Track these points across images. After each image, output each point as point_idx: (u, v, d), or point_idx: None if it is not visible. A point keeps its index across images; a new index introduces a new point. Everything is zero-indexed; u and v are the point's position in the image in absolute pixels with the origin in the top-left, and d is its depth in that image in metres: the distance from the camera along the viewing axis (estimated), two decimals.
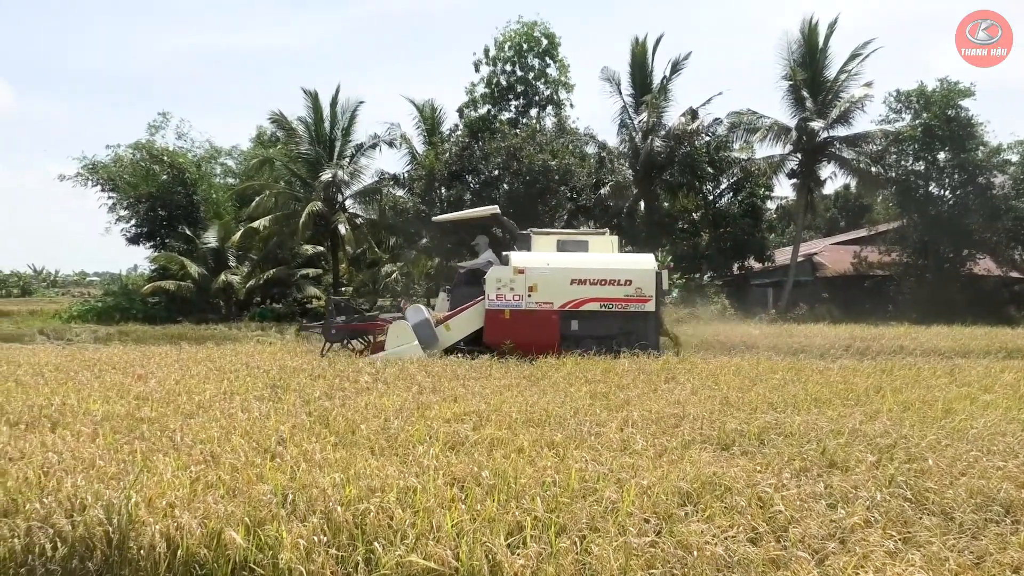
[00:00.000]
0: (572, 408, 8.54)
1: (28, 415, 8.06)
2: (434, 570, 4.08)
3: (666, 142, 32.83)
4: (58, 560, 4.44)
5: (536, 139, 29.45)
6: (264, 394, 9.58)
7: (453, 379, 11.06)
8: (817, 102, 33.67)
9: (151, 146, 38.91)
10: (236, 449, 6.31)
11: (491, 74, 35.43)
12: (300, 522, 4.55)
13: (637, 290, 16.31)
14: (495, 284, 16.38)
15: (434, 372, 11.76)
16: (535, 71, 35.02)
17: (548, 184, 28.40)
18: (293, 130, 36.21)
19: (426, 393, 9.69)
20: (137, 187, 37.42)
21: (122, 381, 10.83)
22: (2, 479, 5.36)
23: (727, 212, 35.05)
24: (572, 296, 16.34)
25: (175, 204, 37.48)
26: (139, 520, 4.58)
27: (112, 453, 6.21)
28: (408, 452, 6.34)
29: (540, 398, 9.25)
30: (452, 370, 12.03)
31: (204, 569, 4.34)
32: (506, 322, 16.32)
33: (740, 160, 34.95)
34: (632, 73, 35.60)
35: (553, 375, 11.68)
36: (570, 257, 17.25)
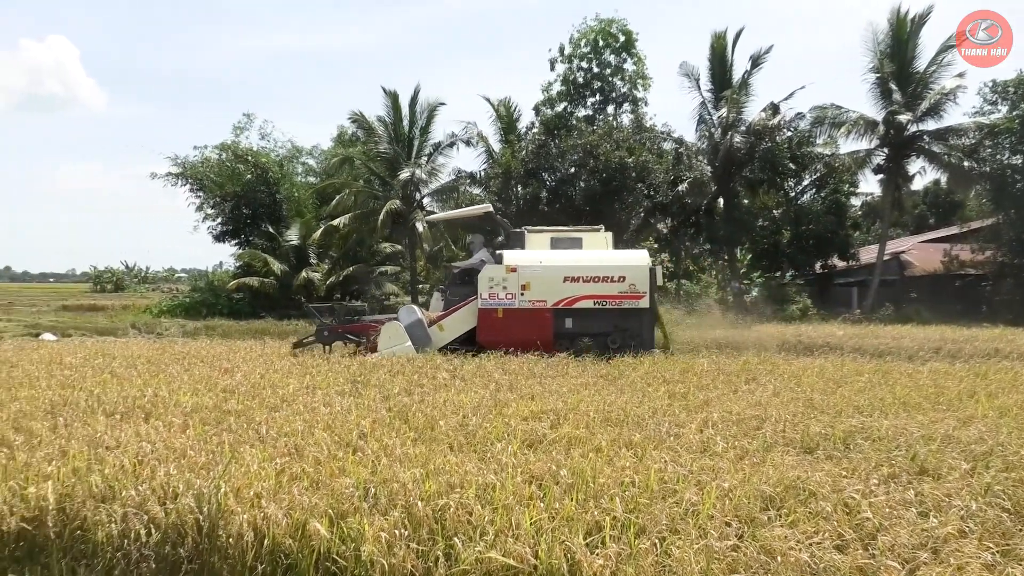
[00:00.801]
0: (650, 408, 8.46)
1: (123, 406, 8.39)
2: (513, 567, 4.10)
3: (746, 138, 32.22)
4: (152, 545, 4.62)
5: (612, 136, 29.25)
6: (345, 389, 9.78)
7: (530, 377, 11.08)
8: (906, 94, 32.50)
9: (236, 146, 40.07)
10: (319, 442, 6.45)
11: (567, 71, 35.35)
12: (381, 515, 4.63)
13: (631, 287, 16.21)
14: (488, 283, 16.39)
15: (511, 370, 11.80)
16: (612, 68, 34.80)
17: (624, 182, 28.18)
18: (372, 129, 36.74)
19: (503, 391, 9.73)
20: (223, 186, 38.58)
21: (209, 374, 11.18)
22: (100, 466, 5.58)
23: (809, 209, 34.20)
24: (565, 294, 16.26)
25: (259, 203, 38.50)
26: (228, 509, 4.73)
27: (201, 444, 6.42)
28: (486, 449, 6.38)
29: (617, 397, 9.20)
30: (529, 368, 12.05)
31: (289, 559, 4.45)
32: (499, 321, 16.30)
33: (823, 156, 34.03)
34: (711, 68, 35.03)
35: (630, 374, 11.60)
36: (563, 255, 17.19)
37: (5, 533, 4.78)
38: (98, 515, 4.81)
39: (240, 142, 41.04)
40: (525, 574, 4.09)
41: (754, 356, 14.95)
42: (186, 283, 66.49)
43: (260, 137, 42.78)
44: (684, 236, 35.16)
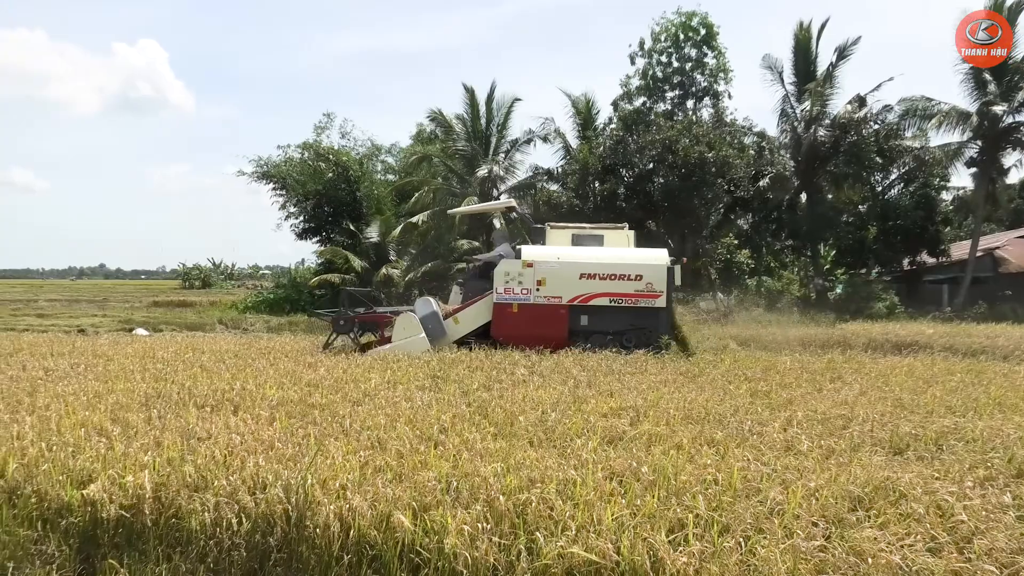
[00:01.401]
0: (732, 406, 8.34)
1: (212, 399, 8.66)
2: (595, 563, 4.09)
3: (831, 131, 31.37)
4: (243, 534, 4.76)
5: (692, 131, 28.84)
6: (425, 384, 9.90)
7: (608, 374, 11.03)
8: (1001, 85, 31.12)
9: (318, 145, 40.94)
10: (401, 436, 6.55)
11: (646, 66, 35.04)
12: (464, 509, 4.68)
13: (648, 285, 15.94)
14: (503, 278, 16.26)
15: (589, 366, 11.77)
16: (692, 62, 34.33)
17: (704, 177, 27.75)
18: (450, 127, 37.08)
19: (581, 387, 9.71)
20: (305, 185, 39.45)
21: (294, 369, 11.46)
22: (192, 457, 5.78)
23: (897, 204, 33.11)
24: (581, 291, 16.07)
25: (339, 200, 39.24)
26: (315, 500, 4.84)
27: (288, 436, 6.59)
28: (566, 445, 6.39)
29: (698, 395, 9.08)
30: (607, 364, 12.00)
31: (374, 550, 4.53)
32: (514, 316, 16.18)
33: (912, 149, 32.85)
34: (795, 60, 34.20)
35: (711, 372, 11.44)
36: (580, 251, 16.99)
37: (105, 520, 4.98)
38: (192, 504, 4.98)
39: (321, 141, 41.94)
40: (607, 570, 4.08)
41: (839, 354, 14.56)
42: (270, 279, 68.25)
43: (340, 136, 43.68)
44: (765, 232, 34.46)
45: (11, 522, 5.03)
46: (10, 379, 10.20)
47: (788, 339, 18.54)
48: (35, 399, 8.48)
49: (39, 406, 8.02)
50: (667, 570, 3.99)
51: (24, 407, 7.99)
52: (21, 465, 5.64)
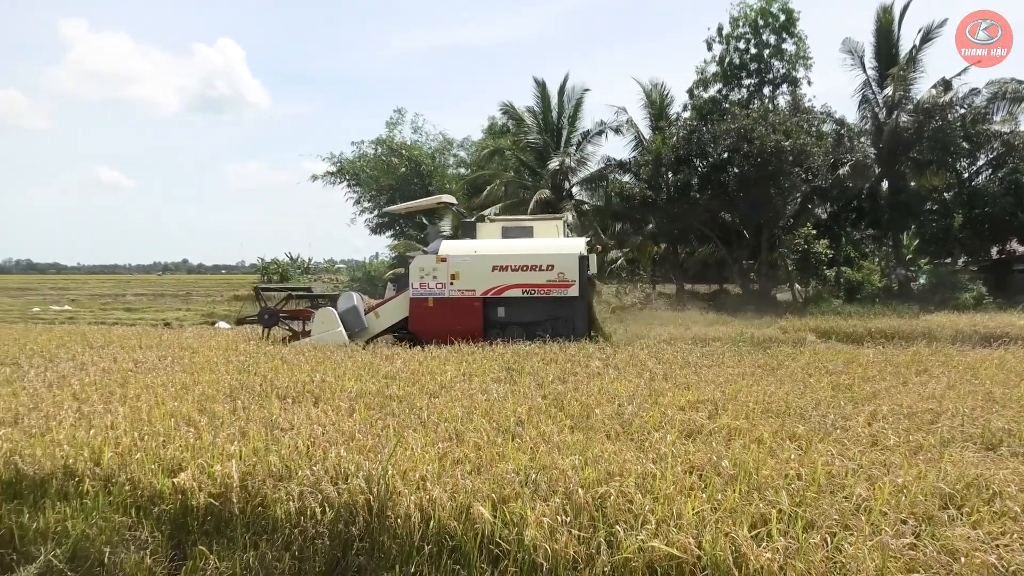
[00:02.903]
0: (813, 399, 8.14)
1: (294, 390, 8.87)
2: (676, 557, 4.05)
3: (914, 116, 30.28)
4: (326, 523, 4.86)
5: (769, 119, 28.18)
6: (500, 377, 9.94)
7: (685, 366, 10.90)
8: None
9: (390, 141, 41.44)
10: (478, 428, 6.59)
11: (723, 52, 34.40)
12: (543, 501, 4.68)
13: (560, 275, 16.00)
14: (419, 273, 16.57)
15: (665, 359, 11.65)
16: (771, 48, 33.56)
17: (781, 166, 27.09)
18: (522, 120, 37.10)
19: (657, 380, 9.62)
20: (378, 180, 40.03)
21: (371, 361, 11.63)
22: (276, 447, 5.93)
23: (985, 191, 31.78)
24: (494, 283, 16.28)
25: (412, 195, 39.66)
26: (395, 491, 4.91)
27: (368, 427, 6.70)
28: (644, 438, 6.33)
29: (778, 388, 8.90)
30: (683, 357, 11.86)
31: (454, 541, 4.57)
32: (430, 310, 16.47)
33: (1001, 134, 31.47)
34: (876, 44, 33.07)
35: (790, 364, 11.19)
36: (493, 244, 17.20)
37: (195, 508, 5.14)
38: (277, 493, 5.10)
39: (394, 136, 42.41)
40: (688, 565, 4.04)
41: (924, 347, 14.09)
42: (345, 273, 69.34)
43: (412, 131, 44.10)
44: (845, 221, 33.50)
45: (107, 508, 5.24)
46: (103, 371, 10.61)
47: (869, 331, 18.02)
48: (126, 390, 8.81)
49: (130, 397, 8.32)
50: (750, 566, 3.92)
51: (116, 398, 8.31)
52: (115, 454, 5.87)
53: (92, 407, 7.69)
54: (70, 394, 8.60)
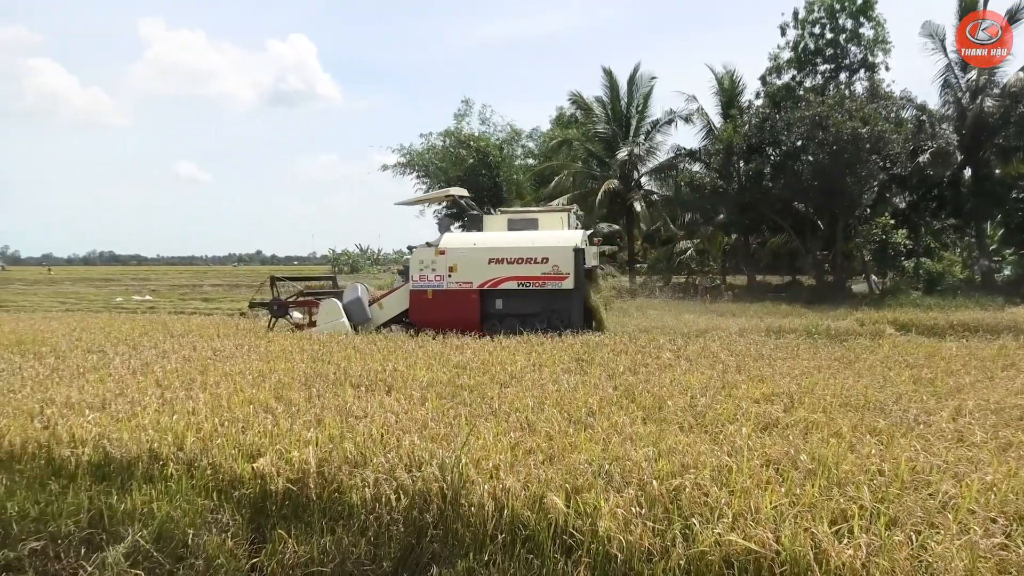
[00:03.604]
0: (893, 393, 7.92)
1: (366, 379, 8.99)
2: (754, 551, 3.99)
3: (1000, 101, 29.06)
4: (400, 510, 4.92)
5: (845, 105, 27.38)
6: (571, 367, 9.91)
7: (758, 359, 10.71)
8: None
9: (459, 132, 41.57)
10: (550, 419, 6.59)
11: (798, 38, 33.56)
12: (616, 492, 4.66)
13: (555, 268, 16.12)
14: (418, 266, 16.90)
15: (737, 351, 11.47)
16: (847, 32, 32.58)
17: (858, 154, 26.30)
18: (590, 109, 36.89)
19: (730, 372, 9.47)
20: (447, 171, 40.20)
21: (441, 351, 11.72)
22: (351, 434, 6.01)
23: None
24: (490, 275, 16.46)
25: (480, 186, 39.74)
26: (469, 479, 4.94)
27: (440, 416, 6.75)
28: (718, 431, 6.24)
29: (856, 382, 8.67)
30: (756, 350, 11.65)
31: (527, 530, 4.57)
32: (429, 302, 16.79)
33: None
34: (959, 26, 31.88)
35: (868, 358, 10.91)
36: (491, 236, 17.38)
37: (274, 492, 5.26)
38: (353, 480, 5.18)
39: (462, 128, 42.54)
40: (767, 560, 3.96)
41: (1011, 340, 13.56)
42: None
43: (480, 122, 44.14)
44: (924, 211, 32.41)
45: (190, 491, 5.38)
46: (183, 358, 10.93)
47: (951, 323, 17.43)
48: (206, 377, 9.05)
49: (210, 384, 8.55)
50: (831, 563, 3.84)
51: (197, 384, 8.55)
52: (198, 439, 6.03)
53: (174, 393, 7.93)
54: (153, 381, 8.87)
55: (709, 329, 15.81)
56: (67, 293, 45.51)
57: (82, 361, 10.64)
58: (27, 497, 5.59)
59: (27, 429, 6.43)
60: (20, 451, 6.08)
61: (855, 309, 21.68)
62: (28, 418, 6.81)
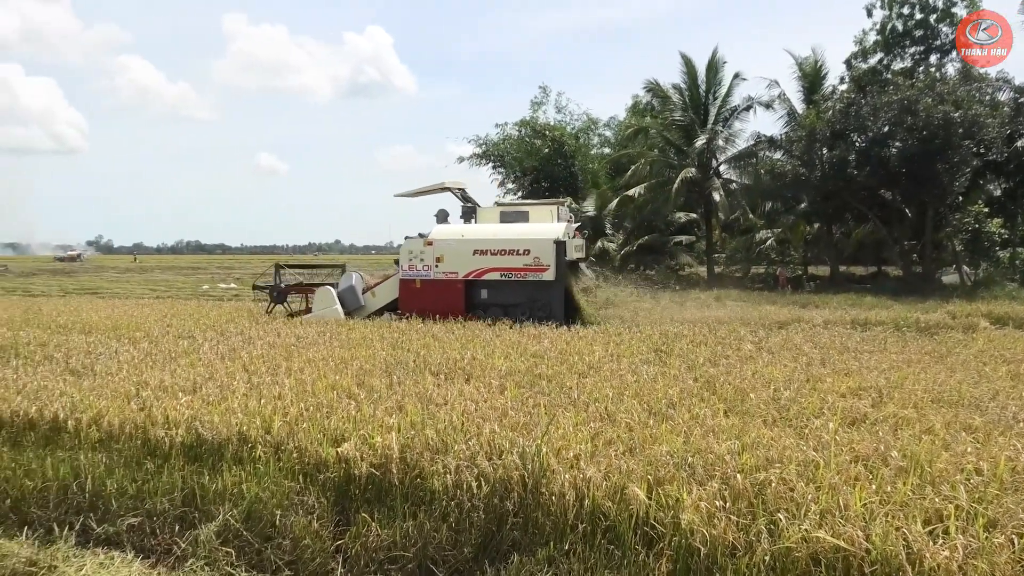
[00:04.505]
0: (990, 390, 7.62)
1: (446, 367, 9.07)
2: (842, 549, 3.89)
3: None
4: (481, 497, 4.95)
5: (935, 89, 26.33)
6: (649, 358, 9.82)
7: (843, 351, 10.44)
8: None
9: (534, 122, 41.51)
10: (629, 410, 6.54)
11: (885, 19, 32.40)
12: (699, 485, 4.60)
13: (535, 259, 16.51)
14: (408, 256, 17.55)
15: (821, 344, 11.20)
16: (939, 12, 31.31)
17: (949, 139, 25.27)
18: (667, 97, 36.35)
19: (815, 365, 9.25)
20: (522, 162, 40.22)
21: (518, 340, 11.75)
22: (432, 421, 6.08)
23: None
24: (475, 266, 16.97)
25: (556, 175, 39.67)
26: (549, 469, 4.94)
27: (519, 405, 6.77)
28: (803, 425, 6.11)
29: (948, 376, 8.37)
30: (842, 342, 11.35)
31: (608, 521, 4.56)
32: (417, 291, 17.40)
33: None
34: None
35: (961, 352, 10.52)
36: (476, 228, 18.01)
37: (357, 477, 5.36)
38: (434, 466, 5.24)
39: (538, 117, 42.47)
40: (856, 558, 3.86)
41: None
42: None
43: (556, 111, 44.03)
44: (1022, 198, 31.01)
45: (277, 474, 5.53)
46: (268, 345, 11.22)
47: None
48: (291, 363, 9.28)
49: (294, 369, 8.76)
50: (925, 564, 3.71)
51: (282, 370, 8.76)
52: (284, 423, 6.18)
53: (261, 378, 8.15)
54: (240, 366, 9.13)
55: (791, 321, 15.47)
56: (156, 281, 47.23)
57: (173, 346, 11.02)
58: (125, 475, 5.83)
59: (124, 410, 6.69)
60: (118, 431, 6.34)
61: (946, 301, 20.89)
62: (125, 400, 7.08)
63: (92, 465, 5.96)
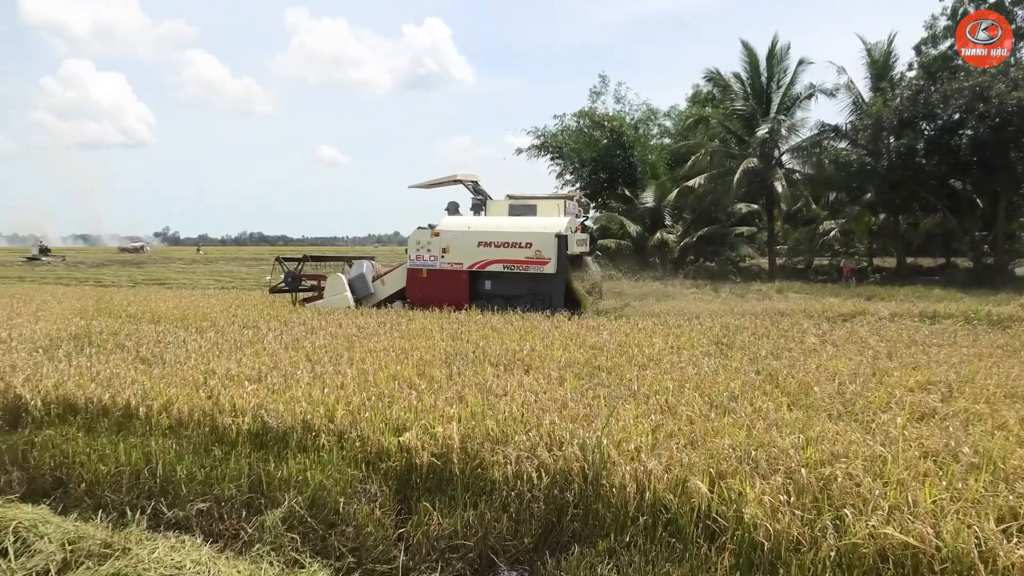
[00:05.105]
0: None
1: (505, 358, 9.10)
2: (912, 547, 3.81)
3: None
4: (541, 488, 4.97)
5: (1009, 74, 25.43)
6: (710, 351, 9.72)
7: (911, 345, 10.18)
8: None
9: (593, 113, 41.26)
10: (690, 402, 6.49)
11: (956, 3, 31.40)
12: (762, 479, 4.54)
13: (537, 252, 16.73)
14: (415, 246, 17.92)
15: (888, 337, 10.94)
16: None
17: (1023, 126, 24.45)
18: (728, 86, 35.78)
19: (881, 359, 9.04)
20: (580, 153, 40.05)
21: (576, 331, 11.73)
22: (492, 411, 6.12)
23: None
24: (479, 257, 17.22)
25: (614, 167, 39.42)
26: (610, 460, 4.94)
27: (579, 396, 6.77)
28: (869, 419, 5.98)
29: (1023, 371, 8.10)
30: (909, 335, 11.08)
31: (669, 513, 4.53)
32: (423, 280, 17.71)
33: None
34: None
35: None
36: (482, 221, 18.37)
37: (418, 466, 5.42)
38: (495, 456, 5.28)
39: (596, 108, 42.19)
40: (926, 556, 3.77)
41: None
42: None
43: (615, 101, 43.58)
44: None
45: (340, 462, 5.63)
46: (330, 335, 11.39)
47: None
48: (352, 353, 9.41)
49: (356, 359, 8.87)
50: (999, 563, 3.62)
51: (344, 360, 8.89)
52: (347, 412, 6.28)
53: (324, 368, 8.28)
54: (304, 355, 9.30)
55: (856, 313, 15.15)
56: (221, 272, 48.29)
57: (239, 336, 11.27)
58: (194, 461, 6.00)
59: (193, 398, 6.87)
60: (187, 418, 6.51)
61: (1019, 293, 20.21)
62: (194, 388, 7.27)
63: (163, 451, 6.14)
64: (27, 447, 6.65)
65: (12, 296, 22.18)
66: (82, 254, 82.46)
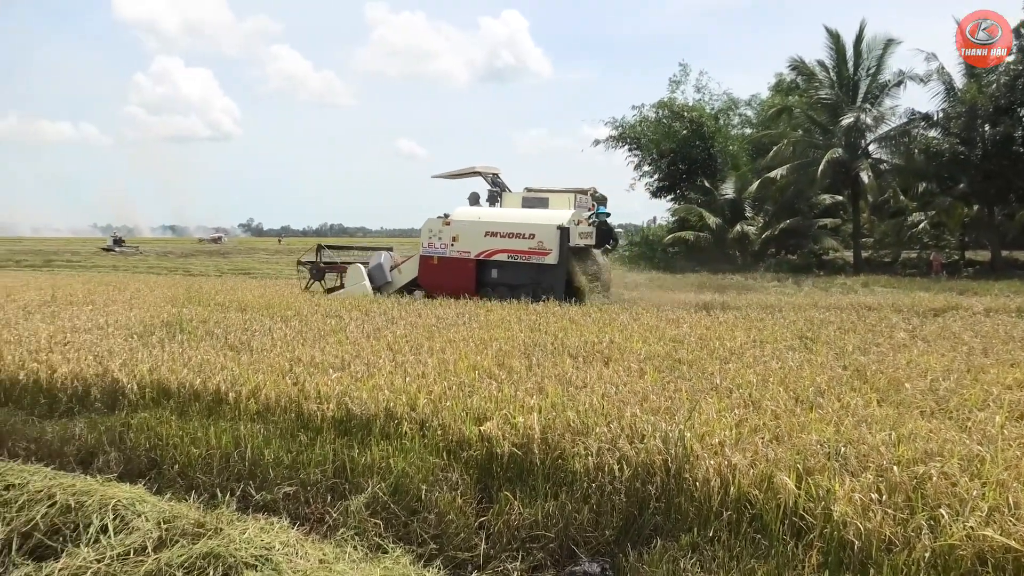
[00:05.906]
0: None
1: (584, 350, 9.07)
2: (1014, 550, 3.65)
3: None
4: (623, 480, 4.94)
5: None
6: (794, 345, 9.51)
7: (1008, 341, 9.78)
8: None
9: (672, 103, 40.68)
10: (774, 397, 6.35)
11: None
12: (852, 477, 4.42)
13: (539, 243, 17.30)
14: (428, 234, 18.55)
15: (983, 333, 10.52)
16: None
17: None
18: (812, 74, 34.88)
19: (976, 355, 8.70)
20: (659, 144, 39.56)
21: (656, 324, 11.62)
22: (573, 403, 6.10)
23: None
24: (486, 247, 17.85)
25: (693, 158, 38.85)
26: (693, 454, 4.87)
27: (660, 389, 6.70)
28: (965, 417, 5.76)
29: None
30: (1006, 331, 10.63)
31: (754, 509, 4.45)
32: (435, 267, 18.38)
33: None
34: None
35: None
36: (490, 211, 18.95)
37: (499, 455, 5.44)
38: (576, 448, 5.26)
39: (676, 98, 41.58)
40: None
41: None
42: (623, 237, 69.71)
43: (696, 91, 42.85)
44: None
45: (422, 450, 5.69)
46: (410, 325, 11.54)
47: None
48: (432, 343, 9.51)
49: (436, 349, 8.97)
50: None
51: (425, 350, 9.00)
52: (429, 400, 6.35)
53: (405, 357, 8.40)
54: (385, 345, 9.44)
55: (947, 308, 14.62)
56: None
57: (322, 325, 11.51)
58: (281, 446, 6.15)
59: (280, 385, 7.05)
60: (274, 404, 6.68)
61: None
62: (280, 375, 7.46)
63: (251, 435, 6.31)
64: (124, 429, 6.91)
65: (107, 284, 23.12)
66: (171, 244, 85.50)
